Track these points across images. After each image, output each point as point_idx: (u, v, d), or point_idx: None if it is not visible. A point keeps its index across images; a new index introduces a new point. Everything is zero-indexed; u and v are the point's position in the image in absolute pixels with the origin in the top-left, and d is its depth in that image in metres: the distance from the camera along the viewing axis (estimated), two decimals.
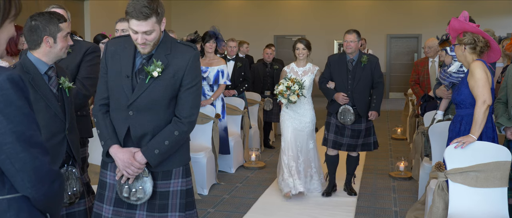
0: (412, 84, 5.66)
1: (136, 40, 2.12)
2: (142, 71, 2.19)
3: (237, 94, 6.07)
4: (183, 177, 2.33)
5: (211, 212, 4.18)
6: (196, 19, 14.13)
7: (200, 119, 4.92)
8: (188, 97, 2.22)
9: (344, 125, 4.42)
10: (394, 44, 13.91)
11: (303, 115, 4.52)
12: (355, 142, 4.44)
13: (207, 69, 5.01)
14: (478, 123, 2.95)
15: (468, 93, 3.07)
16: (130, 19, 2.08)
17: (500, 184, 2.89)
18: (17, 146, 1.28)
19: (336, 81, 4.41)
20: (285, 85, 4.31)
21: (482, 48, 3.09)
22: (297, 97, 4.30)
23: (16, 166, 1.30)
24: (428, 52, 5.59)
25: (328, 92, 4.44)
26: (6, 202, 1.33)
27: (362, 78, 4.32)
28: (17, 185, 1.33)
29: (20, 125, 1.29)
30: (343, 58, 4.40)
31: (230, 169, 5.49)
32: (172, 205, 2.30)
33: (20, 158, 1.29)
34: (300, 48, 4.48)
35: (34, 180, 1.33)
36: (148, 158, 2.20)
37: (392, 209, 4.29)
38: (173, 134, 2.21)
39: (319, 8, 13.98)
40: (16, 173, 1.30)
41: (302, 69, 4.55)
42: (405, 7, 13.51)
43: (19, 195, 1.35)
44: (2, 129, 1.26)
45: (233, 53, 6.30)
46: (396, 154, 6.33)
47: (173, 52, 2.20)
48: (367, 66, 4.34)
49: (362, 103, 4.36)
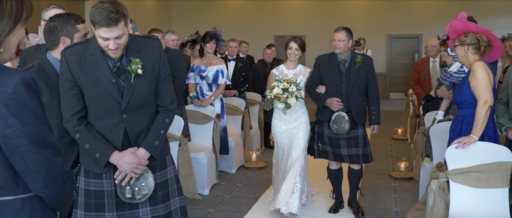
0: (413, 84, 5.66)
1: (107, 46, 2.09)
2: (120, 73, 2.18)
3: (238, 94, 6.07)
4: (173, 163, 2.45)
5: (212, 212, 4.18)
6: (196, 20, 14.12)
7: (201, 119, 4.92)
8: (167, 86, 2.31)
9: (337, 135, 3.94)
10: (395, 44, 13.90)
11: (297, 120, 4.07)
12: (356, 152, 3.95)
13: (206, 69, 5.02)
14: (480, 123, 2.94)
15: (469, 94, 3.06)
16: (99, 28, 2.05)
17: (501, 184, 2.88)
18: (30, 148, 1.31)
19: (327, 85, 3.92)
20: (281, 88, 3.86)
21: (485, 48, 3.08)
22: (296, 100, 3.87)
23: (30, 167, 1.32)
24: (431, 51, 5.58)
25: (319, 98, 3.93)
26: (20, 202, 1.36)
27: (357, 81, 3.87)
28: (31, 185, 1.36)
29: (33, 126, 1.31)
30: (334, 59, 3.93)
31: (231, 169, 5.49)
32: (172, 191, 2.41)
33: (33, 159, 1.32)
34: (293, 48, 4.02)
35: (47, 180, 1.36)
36: (151, 151, 2.25)
37: (392, 209, 4.28)
38: (165, 122, 2.31)
39: (320, 8, 13.98)
40: (30, 173, 1.33)
41: (292, 71, 4.10)
42: (406, 7, 13.50)
43: (32, 195, 1.38)
44: (16, 131, 1.28)
45: (234, 53, 6.31)
46: (396, 154, 6.32)
47: (141, 47, 2.23)
48: (362, 68, 3.90)
49: (358, 109, 3.91)
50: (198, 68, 5.03)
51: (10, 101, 1.26)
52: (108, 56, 2.16)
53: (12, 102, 1.26)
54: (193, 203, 4.33)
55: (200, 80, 5.04)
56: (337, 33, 3.86)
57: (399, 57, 13.95)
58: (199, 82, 5.06)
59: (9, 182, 1.33)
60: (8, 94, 1.26)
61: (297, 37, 4.09)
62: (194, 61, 5.13)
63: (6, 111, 1.26)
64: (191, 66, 5.08)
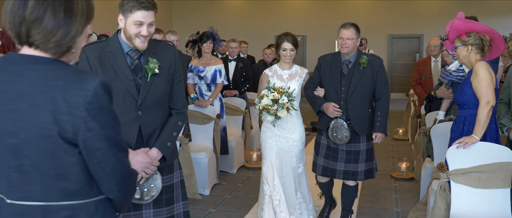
0: (414, 84, 5.64)
1: (139, 33, 2.15)
2: (138, 71, 2.23)
3: (239, 94, 6.07)
4: (179, 168, 2.47)
5: (213, 212, 4.17)
6: (197, 20, 14.13)
7: (201, 119, 4.92)
8: (180, 90, 2.37)
9: (336, 146, 3.50)
10: (396, 44, 13.90)
11: (291, 131, 3.53)
12: (353, 168, 3.48)
13: (204, 69, 5.02)
14: (481, 123, 2.92)
15: (471, 94, 3.03)
16: (135, 12, 2.11)
17: (503, 184, 2.87)
18: (109, 151, 1.31)
19: (326, 88, 3.48)
20: (271, 98, 3.31)
21: (487, 48, 3.05)
22: (287, 112, 3.33)
23: (106, 170, 1.32)
24: (433, 51, 5.57)
25: (316, 101, 3.47)
26: (94, 204, 1.37)
27: (359, 84, 3.39)
28: (104, 188, 1.37)
29: (111, 129, 1.31)
30: (337, 59, 3.48)
31: (231, 169, 5.48)
32: (177, 196, 2.42)
33: (110, 163, 1.32)
34: (288, 49, 3.47)
35: (120, 183, 1.37)
36: (164, 152, 2.28)
37: (393, 209, 4.27)
38: (178, 124, 2.35)
39: (320, 8, 13.97)
40: (105, 176, 1.34)
41: (287, 72, 3.57)
42: (407, 7, 13.49)
43: (104, 197, 1.39)
44: (96, 135, 1.28)
45: (235, 53, 6.31)
46: (397, 155, 6.31)
47: (157, 50, 2.28)
48: (368, 70, 3.41)
49: (359, 117, 3.42)
50: (197, 69, 5.03)
51: (91, 105, 1.26)
52: (127, 54, 2.22)
53: (93, 106, 1.26)
54: (193, 203, 4.33)
55: (199, 81, 5.04)
56: (345, 30, 3.38)
57: (400, 57, 13.95)
58: (198, 83, 5.06)
59: (85, 186, 1.33)
60: (89, 98, 1.25)
61: (289, 34, 3.54)
62: (193, 62, 5.13)
63: (87, 114, 1.25)
64: (189, 67, 5.08)
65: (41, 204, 1.30)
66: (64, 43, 1.28)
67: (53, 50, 1.28)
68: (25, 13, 1.24)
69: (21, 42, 1.29)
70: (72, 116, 1.24)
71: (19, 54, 1.30)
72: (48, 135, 1.25)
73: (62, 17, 1.26)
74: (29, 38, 1.26)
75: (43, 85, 1.25)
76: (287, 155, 3.53)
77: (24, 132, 1.26)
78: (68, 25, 1.27)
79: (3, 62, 1.31)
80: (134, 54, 2.23)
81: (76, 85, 1.26)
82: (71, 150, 1.28)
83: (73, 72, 1.30)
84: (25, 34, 1.26)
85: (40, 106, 1.24)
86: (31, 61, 1.28)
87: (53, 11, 1.25)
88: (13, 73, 1.27)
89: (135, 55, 2.23)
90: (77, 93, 1.25)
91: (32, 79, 1.26)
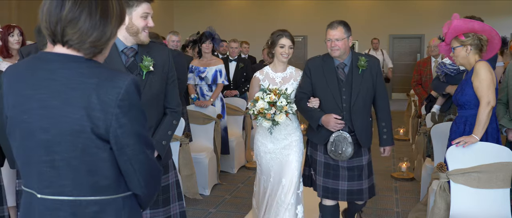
0: (414, 85, 5.64)
1: (146, 25, 2.21)
2: (132, 69, 2.26)
3: (239, 94, 6.08)
4: (174, 168, 2.49)
5: (213, 212, 4.18)
6: (198, 20, 14.13)
7: (202, 119, 4.93)
8: (174, 89, 2.38)
9: (336, 162, 3.04)
10: (397, 44, 13.88)
11: (287, 137, 3.14)
12: (358, 186, 3.04)
13: (205, 70, 5.03)
14: (482, 123, 2.92)
15: (472, 94, 3.02)
16: (141, 3, 2.17)
17: (503, 185, 2.87)
18: (138, 148, 1.34)
19: (322, 98, 3.01)
20: (267, 101, 2.89)
21: (485, 48, 3.05)
22: (285, 116, 2.92)
23: (135, 166, 1.35)
24: (433, 51, 5.57)
25: (312, 115, 3.00)
26: (121, 200, 1.39)
27: (362, 90, 2.97)
28: (132, 184, 1.39)
29: (141, 126, 1.35)
30: (329, 62, 3.02)
31: (232, 169, 5.49)
32: (173, 196, 2.44)
33: (139, 159, 1.35)
34: (286, 46, 3.09)
35: (148, 179, 1.40)
36: (159, 150, 2.29)
37: (394, 209, 4.28)
38: (173, 123, 2.36)
39: (321, 8, 13.96)
40: (134, 173, 1.36)
41: (281, 75, 3.17)
42: (408, 7, 13.47)
43: (130, 193, 1.42)
44: (126, 131, 1.31)
45: (235, 54, 6.31)
46: (398, 155, 6.31)
47: (151, 50, 2.31)
48: (367, 73, 2.99)
49: (363, 127, 3.01)
50: (197, 69, 5.04)
51: (123, 102, 1.29)
52: (122, 52, 2.24)
53: (124, 103, 1.29)
54: (194, 203, 4.33)
55: (200, 81, 5.05)
56: (333, 30, 2.98)
57: (401, 57, 13.93)
58: (199, 83, 5.07)
59: (114, 182, 1.36)
60: (122, 95, 1.28)
61: (286, 31, 3.23)
62: (193, 63, 5.14)
63: (119, 111, 1.28)
64: (190, 67, 5.09)
65: (72, 198, 1.33)
66: (99, 45, 1.32)
67: (87, 51, 1.32)
68: (62, 13, 1.27)
69: (55, 41, 1.33)
70: (105, 113, 1.28)
71: (53, 53, 1.33)
72: (81, 130, 1.28)
73: (98, 18, 1.30)
74: (64, 37, 1.30)
75: (77, 82, 1.28)
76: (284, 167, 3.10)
77: (56, 128, 1.29)
78: (104, 26, 1.31)
79: (36, 61, 1.34)
80: (129, 52, 2.25)
81: (109, 83, 1.29)
82: (103, 146, 1.31)
83: (105, 70, 1.32)
84: (60, 33, 1.29)
85: (74, 103, 1.27)
86: (65, 60, 1.31)
87: (89, 13, 1.28)
88: (47, 71, 1.30)
89: (130, 53, 2.25)
90: (110, 90, 1.28)
91: (66, 77, 1.29)
